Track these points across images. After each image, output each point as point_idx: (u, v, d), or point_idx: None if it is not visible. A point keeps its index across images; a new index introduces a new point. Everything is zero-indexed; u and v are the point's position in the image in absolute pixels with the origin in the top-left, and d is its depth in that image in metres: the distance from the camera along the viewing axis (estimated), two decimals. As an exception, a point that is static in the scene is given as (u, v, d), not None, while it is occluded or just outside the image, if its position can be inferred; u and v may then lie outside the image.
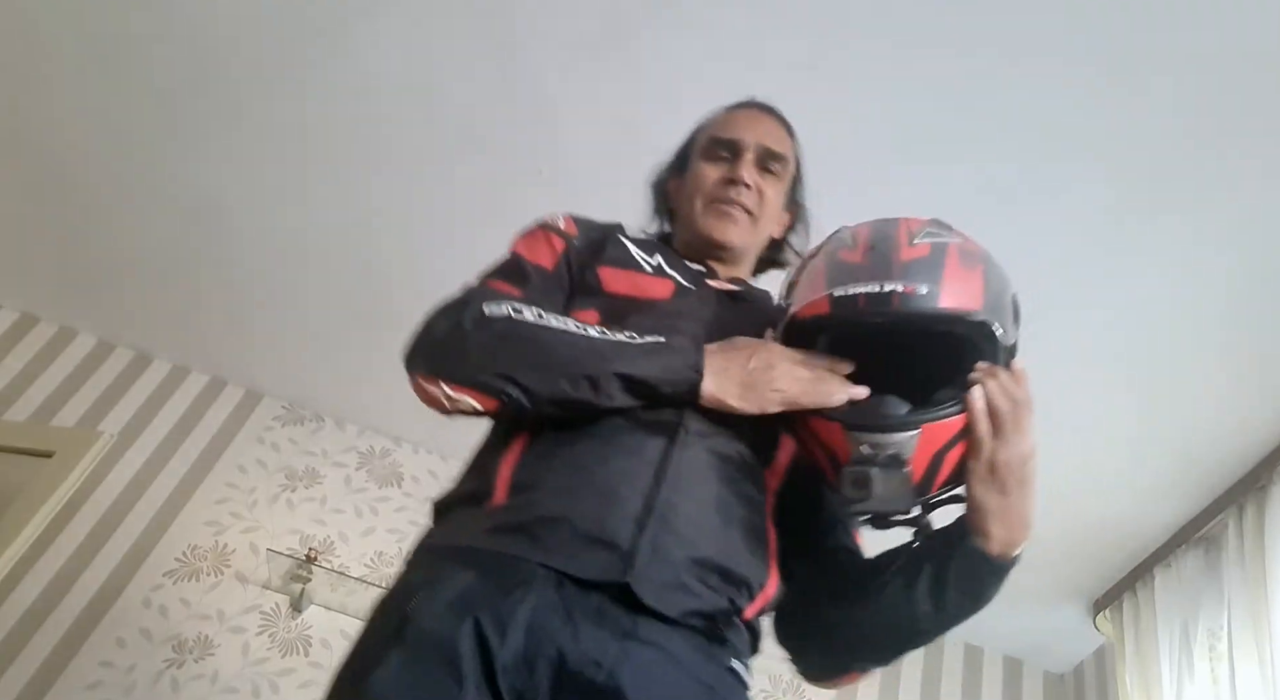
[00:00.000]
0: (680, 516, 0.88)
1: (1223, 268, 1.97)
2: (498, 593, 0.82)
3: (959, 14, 1.73)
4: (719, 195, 1.18)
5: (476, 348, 0.94)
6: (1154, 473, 2.43)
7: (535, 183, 2.27)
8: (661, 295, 1.09)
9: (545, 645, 0.80)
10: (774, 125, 1.25)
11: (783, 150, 1.22)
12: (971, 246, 0.92)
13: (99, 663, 2.63)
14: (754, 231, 1.20)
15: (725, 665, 0.89)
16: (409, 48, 2.08)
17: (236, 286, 2.85)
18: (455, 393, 0.94)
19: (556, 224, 1.16)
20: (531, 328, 0.95)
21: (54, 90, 2.40)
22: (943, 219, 0.95)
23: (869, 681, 3.03)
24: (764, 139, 1.21)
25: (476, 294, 1.01)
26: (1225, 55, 1.67)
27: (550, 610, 0.82)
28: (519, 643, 0.80)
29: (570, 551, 0.85)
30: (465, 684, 0.78)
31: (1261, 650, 2.00)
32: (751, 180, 1.17)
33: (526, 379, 0.92)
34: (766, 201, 1.20)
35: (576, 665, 0.80)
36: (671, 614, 0.84)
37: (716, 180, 1.18)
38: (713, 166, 1.20)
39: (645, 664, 0.82)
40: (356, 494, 3.11)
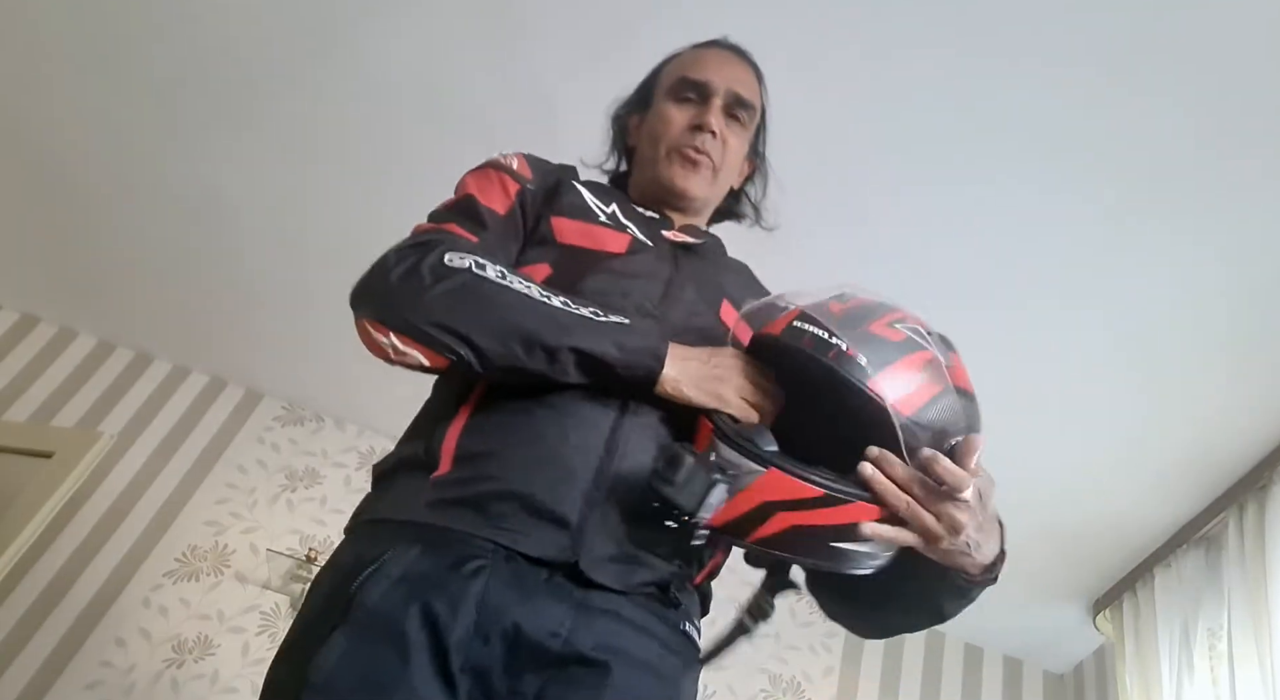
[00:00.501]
0: (627, 489, 0.86)
1: (1224, 269, 1.97)
2: (447, 570, 0.81)
3: (959, 16, 1.74)
4: (684, 142, 1.13)
5: (432, 301, 0.89)
6: (1154, 473, 2.43)
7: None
8: (617, 249, 1.04)
9: (499, 619, 0.79)
10: (745, 70, 1.20)
11: (752, 98, 1.17)
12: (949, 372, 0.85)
13: (99, 663, 2.63)
14: (716, 182, 1.16)
15: (679, 628, 0.90)
16: (412, 47, 2.08)
17: (237, 286, 2.85)
18: (403, 345, 0.90)
19: (510, 165, 1.10)
20: (493, 286, 0.90)
21: (54, 90, 2.40)
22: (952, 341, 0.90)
23: (869, 681, 3.03)
24: (734, 84, 1.16)
25: (437, 240, 0.96)
26: (1227, 56, 1.67)
27: (503, 585, 0.81)
28: (470, 619, 0.79)
29: (519, 528, 0.83)
30: (412, 663, 0.76)
31: (1261, 650, 2.00)
32: (719, 129, 1.13)
33: (481, 340, 0.87)
34: (730, 151, 1.15)
35: (533, 636, 0.80)
36: (621, 587, 0.85)
37: (683, 125, 1.13)
38: (679, 109, 1.15)
39: (602, 630, 0.83)
40: (357, 494, 3.06)
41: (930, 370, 0.84)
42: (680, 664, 0.89)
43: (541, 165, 1.14)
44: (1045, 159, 1.91)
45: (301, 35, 2.11)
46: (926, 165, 1.98)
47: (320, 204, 2.52)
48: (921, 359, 0.84)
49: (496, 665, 0.79)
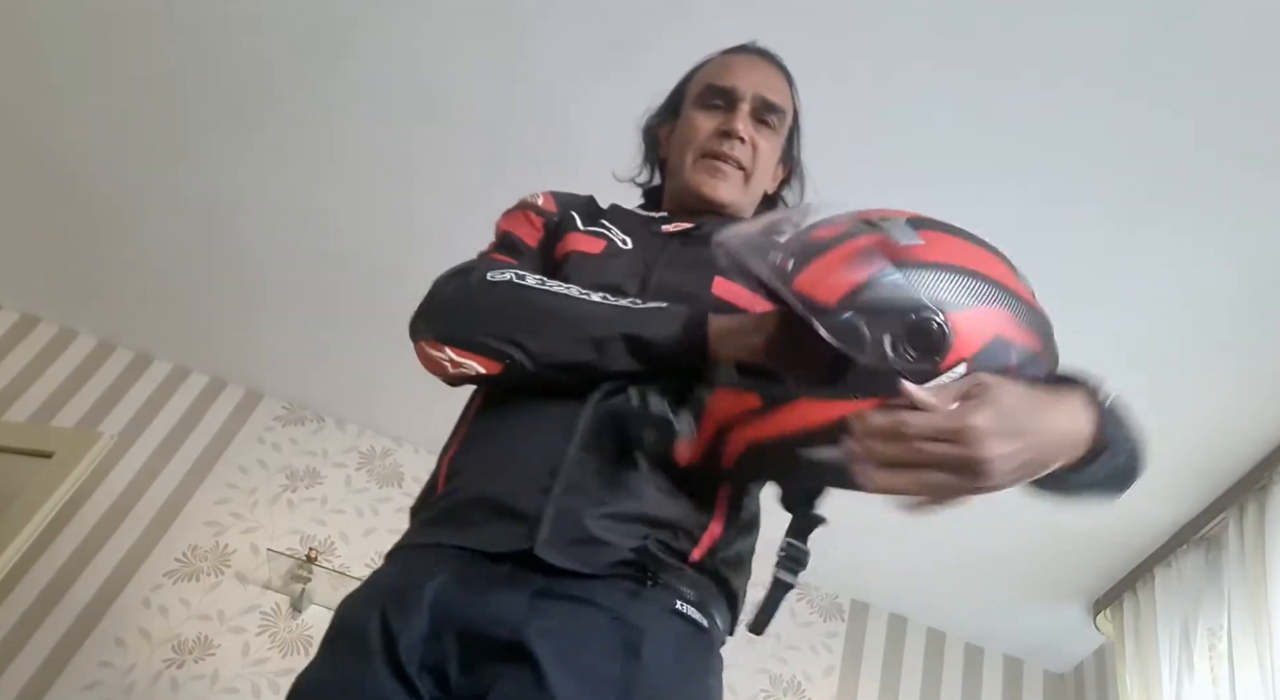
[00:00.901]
0: (590, 473, 0.87)
1: (1224, 270, 1.97)
2: (409, 581, 0.85)
3: (964, 22, 1.74)
4: (711, 149, 1.13)
5: (481, 311, 0.95)
6: (1154, 473, 2.38)
7: (542, 183, 2.27)
8: (591, 251, 1.07)
9: (451, 617, 0.82)
10: (773, 73, 1.19)
11: (780, 101, 1.17)
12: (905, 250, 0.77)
13: (98, 663, 2.63)
14: (746, 188, 1.15)
15: (667, 608, 0.85)
16: (413, 49, 2.08)
17: (237, 287, 2.85)
18: (459, 356, 0.95)
19: (536, 202, 1.16)
20: (535, 292, 0.95)
21: (55, 90, 2.40)
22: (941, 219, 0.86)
23: (869, 681, 3.03)
24: (761, 88, 1.15)
25: (480, 263, 1.02)
26: (1228, 57, 1.67)
27: (455, 584, 0.83)
28: (424, 621, 0.82)
29: (480, 528, 0.87)
30: (371, 665, 0.80)
31: (1261, 650, 2.00)
32: (746, 134, 1.12)
33: (530, 342, 0.92)
34: (760, 156, 1.15)
35: (482, 628, 0.81)
36: (587, 569, 0.83)
37: (709, 132, 1.14)
38: (706, 116, 1.15)
39: (553, 615, 0.81)
40: (357, 494, 3.11)
41: (864, 254, 0.76)
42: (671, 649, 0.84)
43: (564, 199, 1.18)
44: (1044, 160, 1.91)
45: (303, 36, 2.11)
46: (926, 166, 1.98)
47: (321, 204, 2.52)
48: (853, 246, 0.77)
49: (453, 662, 0.81)
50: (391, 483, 3.14)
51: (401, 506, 3.08)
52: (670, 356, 0.91)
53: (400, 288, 2.68)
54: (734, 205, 1.15)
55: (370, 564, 2.95)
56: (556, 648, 0.79)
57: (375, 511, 3.08)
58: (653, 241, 1.09)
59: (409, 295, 2.92)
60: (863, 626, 3.15)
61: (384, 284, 2.70)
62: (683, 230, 1.11)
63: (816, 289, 0.76)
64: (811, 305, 0.75)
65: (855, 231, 0.78)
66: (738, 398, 0.81)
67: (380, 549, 3.19)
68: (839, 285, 0.75)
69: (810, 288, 0.76)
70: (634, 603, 0.84)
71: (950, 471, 0.69)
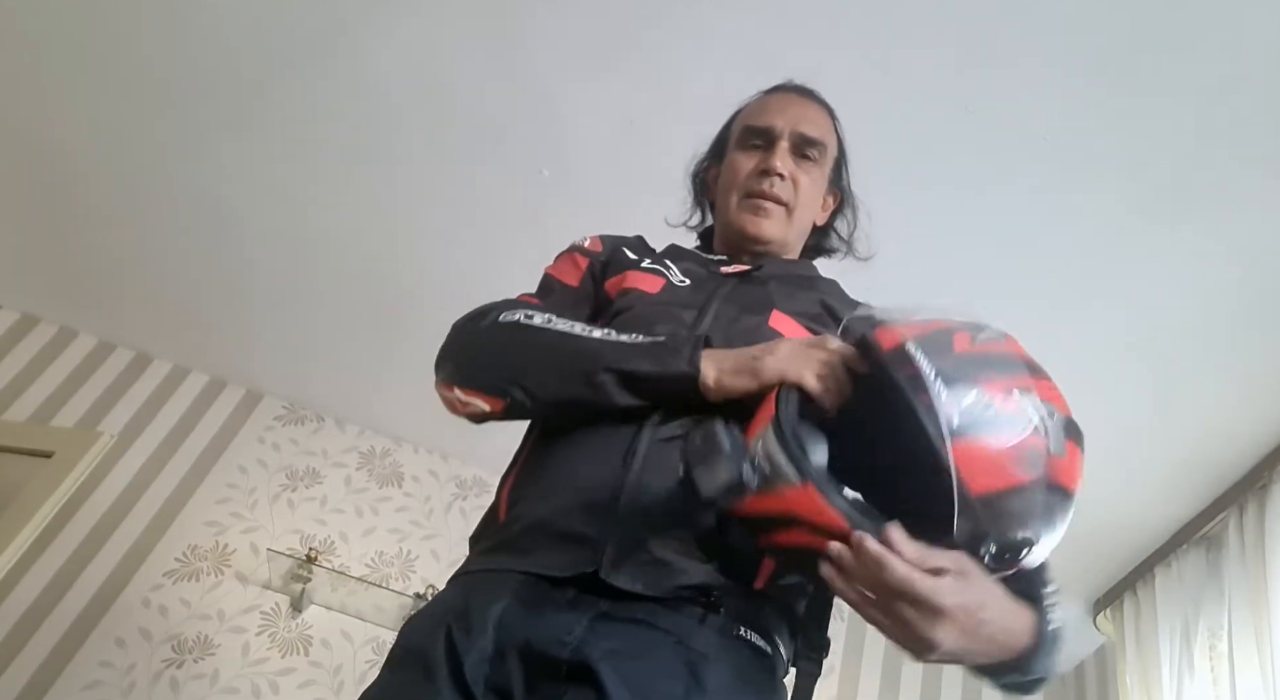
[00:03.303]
0: (651, 496, 0.87)
1: (1226, 270, 1.98)
2: (474, 604, 0.86)
3: (966, 23, 1.74)
4: (753, 188, 1.15)
5: (485, 352, 1.00)
6: (1154, 473, 2.43)
7: (539, 183, 2.28)
8: (650, 290, 1.08)
9: (513, 637, 0.82)
10: (811, 108, 1.21)
11: (819, 135, 1.19)
12: (1053, 464, 0.75)
13: (98, 663, 2.63)
14: (790, 223, 1.16)
15: (731, 633, 0.85)
16: (413, 49, 2.08)
17: (237, 286, 2.85)
18: (465, 396, 0.99)
19: (583, 244, 1.19)
20: (537, 331, 0.97)
21: (55, 90, 2.40)
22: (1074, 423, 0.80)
23: (869, 680, 3.03)
24: (798, 125, 1.17)
25: (499, 305, 1.04)
26: (1233, 54, 1.67)
27: (520, 605, 0.84)
28: (488, 641, 0.82)
29: (544, 553, 0.87)
30: (435, 681, 0.81)
31: (1261, 650, 2.00)
32: (786, 170, 1.14)
33: (528, 379, 0.95)
34: (802, 190, 1.16)
35: (541, 648, 0.81)
36: (653, 592, 0.83)
37: (750, 171, 1.16)
38: (747, 156, 1.17)
39: (616, 637, 0.81)
40: (357, 494, 3.11)
41: (1028, 458, 0.73)
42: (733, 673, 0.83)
43: (612, 240, 1.20)
44: (1047, 159, 1.91)
45: (303, 37, 2.11)
46: (929, 167, 1.98)
47: (321, 204, 2.52)
48: (1028, 444, 0.74)
49: (517, 683, 0.81)
50: (391, 483, 3.13)
51: (402, 506, 3.10)
52: (663, 391, 0.91)
53: (400, 288, 2.70)
54: (779, 242, 1.16)
55: (371, 564, 2.96)
56: (619, 669, 0.79)
57: (375, 511, 3.08)
58: (709, 280, 1.10)
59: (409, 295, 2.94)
60: (863, 626, 3.12)
61: (384, 284, 2.70)
62: (742, 272, 1.12)
63: (975, 468, 0.72)
64: (960, 481, 0.71)
65: (1028, 422, 0.74)
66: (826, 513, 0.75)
67: (380, 549, 3.21)
68: (997, 479, 0.72)
69: (968, 463, 0.71)
70: (698, 627, 0.83)
71: (895, 626, 0.73)
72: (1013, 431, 0.74)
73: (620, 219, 1.59)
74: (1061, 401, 0.78)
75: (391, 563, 2.98)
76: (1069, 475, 0.76)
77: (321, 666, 2.76)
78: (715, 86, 1.90)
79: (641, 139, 2.11)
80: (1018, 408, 0.75)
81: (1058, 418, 0.76)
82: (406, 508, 3.10)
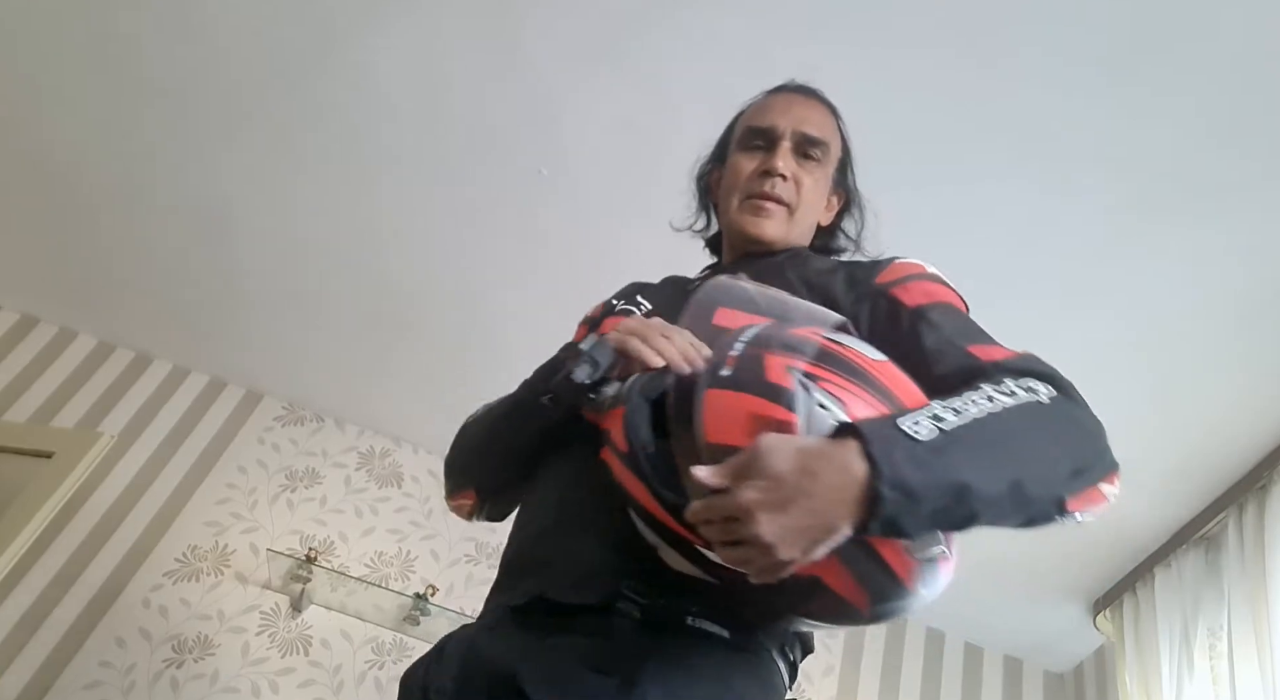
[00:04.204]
0: (579, 514, 0.92)
1: (1226, 270, 1.97)
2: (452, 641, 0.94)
3: (966, 18, 1.74)
4: (754, 189, 1.14)
5: (449, 460, 1.12)
6: (1154, 473, 2.43)
7: (537, 185, 2.28)
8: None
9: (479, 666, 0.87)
10: (813, 108, 1.21)
11: (821, 135, 1.18)
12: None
13: (98, 663, 2.63)
14: (791, 223, 1.15)
15: (679, 622, 0.85)
16: (411, 51, 2.08)
17: (237, 287, 2.85)
18: (454, 502, 1.12)
19: (588, 313, 1.23)
20: (476, 422, 1.09)
21: (55, 90, 2.40)
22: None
23: (869, 681, 3.03)
24: (800, 125, 1.17)
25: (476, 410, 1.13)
26: (1240, 58, 1.67)
27: (488, 636, 0.90)
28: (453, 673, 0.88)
29: (512, 584, 0.95)
30: None
31: (1261, 650, 2.00)
32: (788, 170, 1.14)
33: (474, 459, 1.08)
34: (805, 190, 1.16)
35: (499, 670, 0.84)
36: (595, 601, 0.85)
37: (752, 172, 1.15)
38: (748, 157, 1.17)
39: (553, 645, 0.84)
40: (357, 494, 3.11)
41: (760, 424, 0.73)
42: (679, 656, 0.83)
43: (612, 297, 1.23)
44: (1047, 158, 1.91)
45: (301, 38, 2.11)
46: (927, 165, 1.98)
47: (321, 205, 2.52)
48: (765, 409, 0.74)
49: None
50: (391, 483, 3.13)
51: (402, 506, 3.10)
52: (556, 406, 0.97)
53: (400, 288, 2.70)
54: (781, 242, 1.15)
55: (370, 564, 2.96)
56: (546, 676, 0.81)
57: (375, 511, 3.08)
58: (679, 300, 1.07)
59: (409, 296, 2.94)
60: (862, 626, 3.14)
61: (384, 284, 2.70)
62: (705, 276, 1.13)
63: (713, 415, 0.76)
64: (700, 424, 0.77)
65: (781, 397, 0.74)
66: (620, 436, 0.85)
67: (380, 549, 3.21)
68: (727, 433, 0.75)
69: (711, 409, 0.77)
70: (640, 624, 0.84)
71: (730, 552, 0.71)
72: (766, 399, 0.74)
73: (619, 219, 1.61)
74: (854, 402, 0.74)
75: (391, 563, 2.98)
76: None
77: (321, 666, 2.77)
78: (715, 87, 1.91)
79: (640, 140, 2.11)
80: (782, 381, 0.74)
81: (832, 413, 0.73)
82: (406, 508, 3.10)
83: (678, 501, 0.76)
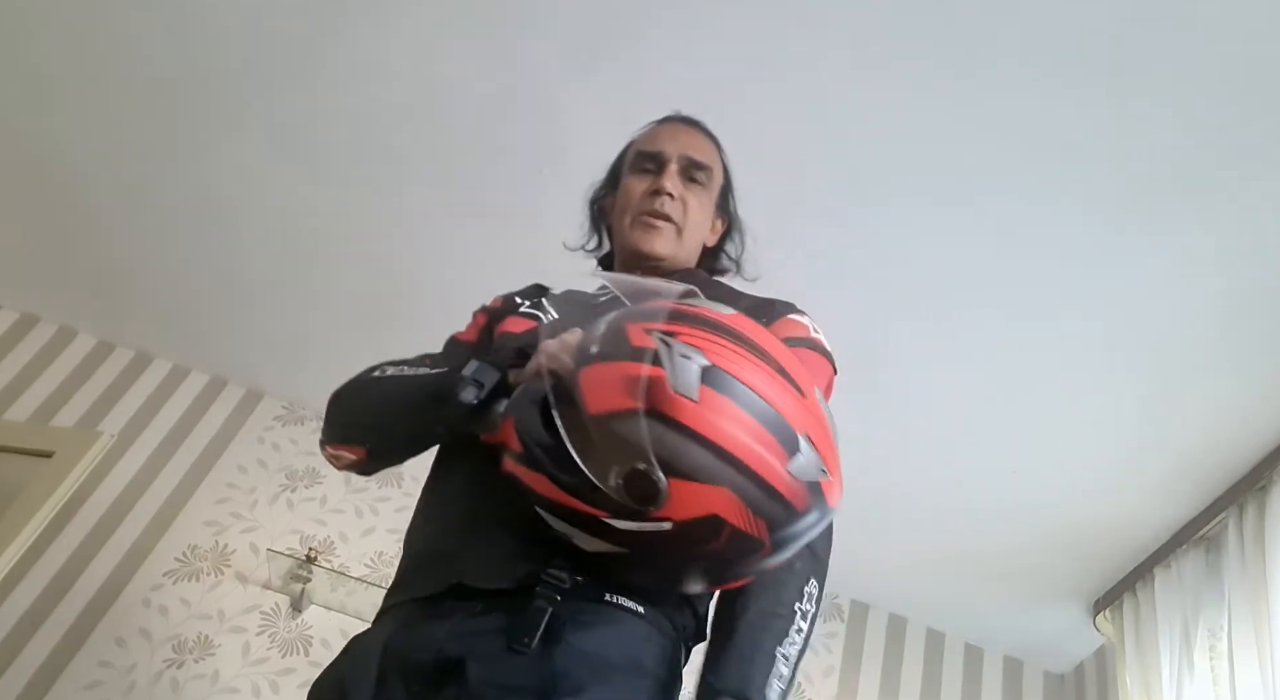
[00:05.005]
0: (491, 508, 0.94)
1: (1224, 269, 1.97)
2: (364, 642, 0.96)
3: (959, 20, 1.74)
4: (644, 208, 1.22)
5: (342, 409, 1.13)
6: (1154, 473, 2.43)
7: (538, 181, 2.28)
8: (518, 330, 1.16)
9: (393, 659, 0.90)
10: (697, 136, 1.30)
11: (706, 159, 1.27)
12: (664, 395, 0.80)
13: (98, 663, 2.63)
14: (679, 241, 1.23)
15: (596, 599, 0.91)
16: (410, 47, 2.08)
17: (237, 286, 2.85)
18: (333, 450, 1.13)
19: (487, 304, 1.28)
20: (379, 380, 1.10)
21: (54, 91, 2.40)
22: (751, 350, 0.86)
23: (869, 681, 3.03)
24: (686, 149, 1.25)
25: (366, 369, 1.15)
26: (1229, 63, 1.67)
27: (400, 630, 0.93)
28: (372, 670, 0.90)
29: (418, 579, 0.98)
30: None
31: (1261, 650, 2.00)
32: (675, 190, 1.22)
33: (376, 424, 1.09)
34: (691, 210, 1.23)
35: (415, 659, 0.89)
36: (510, 584, 0.90)
37: (643, 192, 1.23)
38: (639, 180, 1.25)
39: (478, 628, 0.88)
40: (357, 494, 3.11)
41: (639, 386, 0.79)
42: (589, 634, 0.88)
43: (512, 294, 1.28)
44: (1036, 160, 1.91)
45: (300, 34, 2.11)
46: (918, 170, 1.98)
47: (321, 203, 2.52)
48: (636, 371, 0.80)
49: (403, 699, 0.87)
50: (391, 483, 3.13)
51: (402, 506, 3.10)
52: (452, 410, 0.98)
53: (400, 287, 2.70)
54: (670, 258, 1.23)
55: (370, 564, 2.96)
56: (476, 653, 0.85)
57: (375, 511, 3.08)
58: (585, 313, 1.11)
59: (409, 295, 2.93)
60: (862, 627, 3.14)
61: (384, 283, 2.70)
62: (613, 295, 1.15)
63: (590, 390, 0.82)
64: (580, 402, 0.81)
65: (645, 356, 0.81)
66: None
67: (380, 549, 3.21)
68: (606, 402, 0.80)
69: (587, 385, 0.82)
70: (562, 602, 0.89)
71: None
72: (633, 361, 0.81)
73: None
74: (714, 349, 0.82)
75: (391, 563, 2.97)
76: (702, 418, 0.79)
77: (321, 666, 2.74)
78: (715, 84, 1.91)
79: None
80: (644, 343, 0.82)
81: (695, 360, 0.81)
82: (406, 508, 3.06)
83: (577, 483, 0.81)
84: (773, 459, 0.80)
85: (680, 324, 0.84)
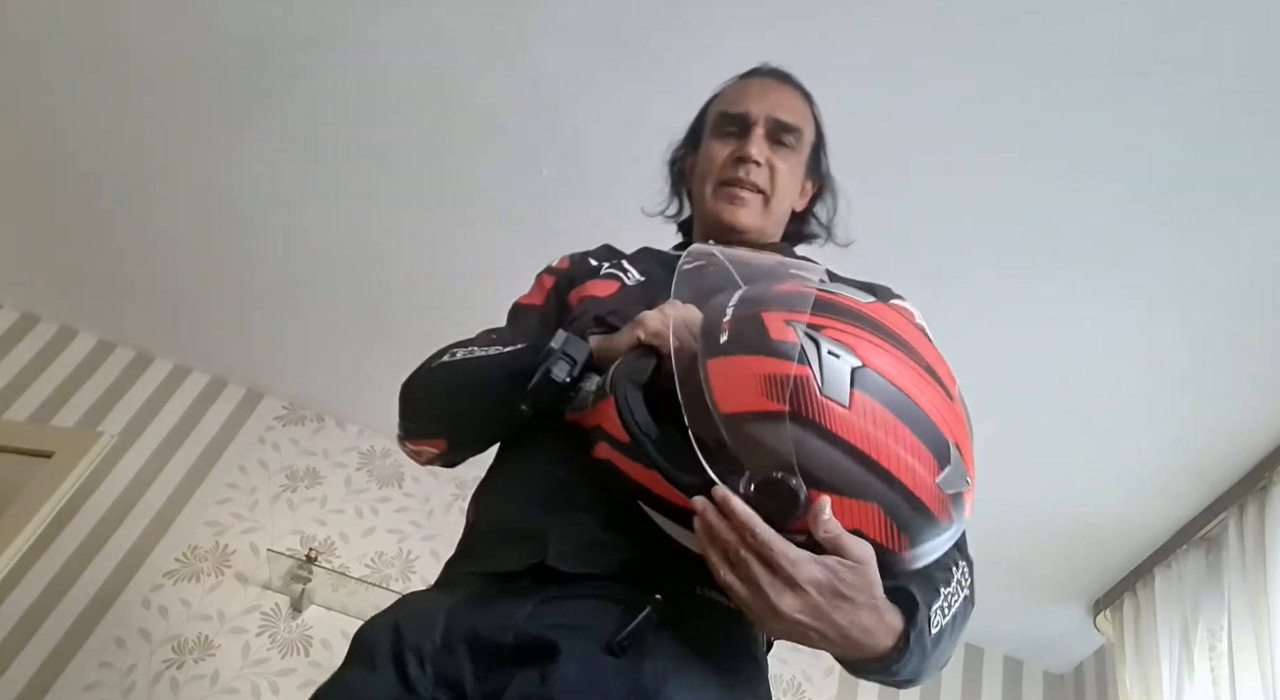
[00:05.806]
0: (577, 491, 0.89)
1: (1226, 270, 1.97)
2: (428, 605, 0.88)
3: (965, 20, 1.74)
4: (728, 176, 1.14)
5: (415, 402, 1.06)
6: (1154, 473, 2.43)
7: (541, 181, 2.28)
8: (602, 294, 1.08)
9: (461, 629, 0.83)
10: (787, 93, 1.20)
11: (795, 120, 1.17)
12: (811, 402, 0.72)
13: (98, 663, 2.63)
14: (766, 211, 1.15)
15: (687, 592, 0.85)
16: (417, 45, 2.08)
17: (237, 286, 2.85)
18: (414, 446, 1.07)
19: (552, 264, 1.20)
20: (449, 366, 1.02)
21: (55, 87, 2.40)
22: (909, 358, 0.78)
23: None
24: (774, 110, 1.16)
25: (435, 354, 1.07)
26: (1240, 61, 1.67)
27: (470, 601, 0.86)
28: (437, 635, 0.83)
29: (497, 553, 0.90)
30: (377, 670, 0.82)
31: (1261, 650, 2.00)
32: (762, 157, 1.13)
33: (452, 413, 1.01)
34: (779, 176, 1.15)
35: (488, 635, 0.82)
36: (598, 570, 0.84)
37: (725, 159, 1.15)
38: (722, 144, 1.16)
39: (562, 611, 0.82)
40: (357, 494, 3.11)
41: (782, 386, 0.71)
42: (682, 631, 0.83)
43: (580, 255, 1.20)
44: (1044, 156, 1.91)
45: (305, 33, 2.11)
46: (929, 173, 1.98)
47: (322, 203, 2.52)
48: (781, 369, 0.72)
49: (466, 673, 0.81)
50: (391, 483, 3.14)
51: (402, 506, 3.10)
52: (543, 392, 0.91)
53: (401, 287, 2.70)
54: (756, 230, 1.15)
55: (371, 564, 2.96)
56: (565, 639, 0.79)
57: (375, 511, 3.08)
58: (668, 276, 1.05)
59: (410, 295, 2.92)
60: (863, 627, 3.14)
61: (385, 283, 2.70)
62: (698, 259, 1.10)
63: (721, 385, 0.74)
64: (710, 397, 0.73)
65: (790, 352, 0.72)
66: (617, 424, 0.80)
67: (380, 549, 3.21)
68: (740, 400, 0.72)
69: (718, 379, 0.74)
70: (655, 597, 0.82)
71: (746, 587, 0.72)
72: (774, 358, 0.72)
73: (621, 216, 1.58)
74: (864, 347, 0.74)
75: (391, 563, 2.98)
76: (852, 427, 0.71)
77: (321, 667, 2.76)
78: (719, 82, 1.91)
79: (643, 136, 2.11)
80: (786, 336, 0.73)
81: (845, 359, 0.73)
82: (406, 508, 3.10)
83: (696, 482, 0.73)
84: (925, 472, 0.72)
85: (825, 315, 0.75)
